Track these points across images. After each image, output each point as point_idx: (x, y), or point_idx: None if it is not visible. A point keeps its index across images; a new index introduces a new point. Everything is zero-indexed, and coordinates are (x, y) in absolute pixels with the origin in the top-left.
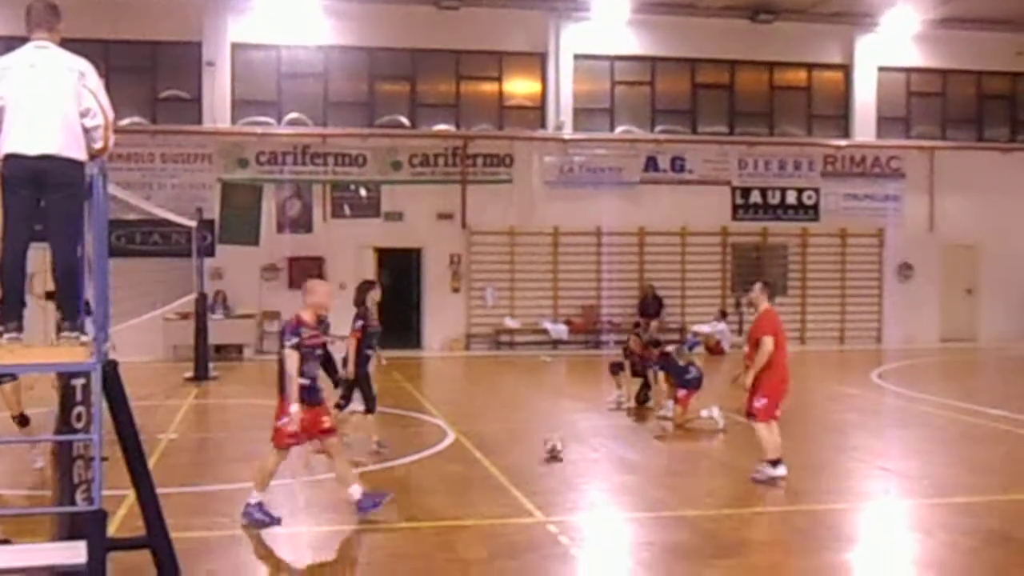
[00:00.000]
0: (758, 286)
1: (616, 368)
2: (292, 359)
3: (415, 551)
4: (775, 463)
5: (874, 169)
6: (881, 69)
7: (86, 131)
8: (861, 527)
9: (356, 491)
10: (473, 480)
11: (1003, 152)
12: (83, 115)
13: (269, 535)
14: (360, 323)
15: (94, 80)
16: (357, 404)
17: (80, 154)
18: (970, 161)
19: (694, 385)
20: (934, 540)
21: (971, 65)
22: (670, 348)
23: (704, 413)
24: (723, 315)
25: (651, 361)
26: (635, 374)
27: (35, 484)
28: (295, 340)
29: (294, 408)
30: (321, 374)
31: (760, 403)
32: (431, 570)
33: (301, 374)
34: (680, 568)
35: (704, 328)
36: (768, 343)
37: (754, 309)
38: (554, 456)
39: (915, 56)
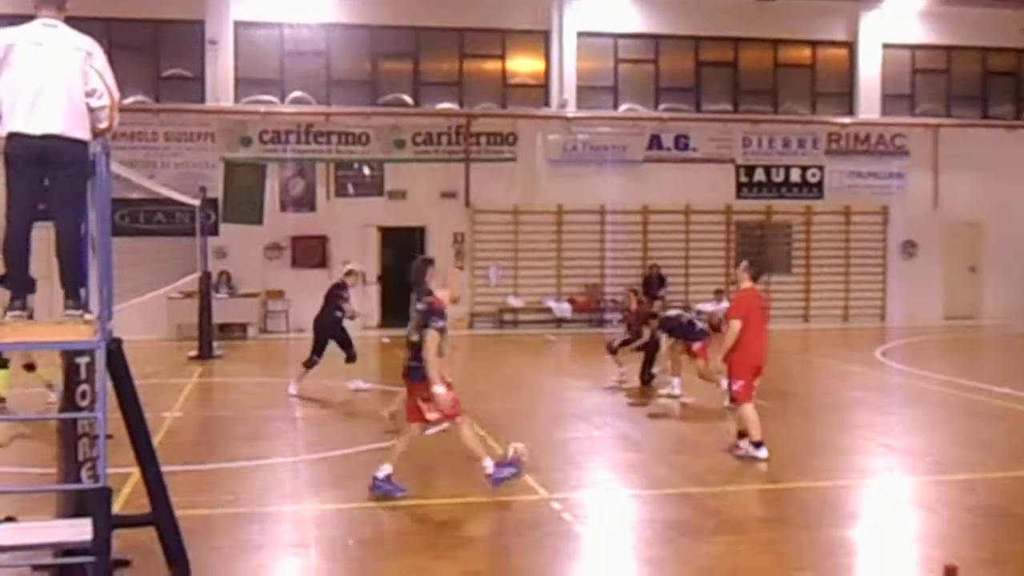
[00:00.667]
0: (743, 264)
1: (612, 349)
2: (436, 341)
3: (420, 528)
4: (758, 444)
5: (878, 147)
6: (886, 46)
7: (91, 111)
8: (864, 504)
9: (488, 464)
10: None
11: (1008, 129)
12: (88, 95)
13: (274, 513)
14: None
15: (101, 60)
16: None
17: (85, 134)
18: (975, 139)
19: (706, 335)
20: (937, 516)
21: (976, 42)
22: (671, 312)
23: (664, 391)
24: (719, 294)
25: (657, 328)
26: (630, 331)
27: (40, 463)
28: (442, 323)
29: (440, 389)
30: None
31: (737, 385)
32: (436, 546)
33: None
34: (683, 544)
35: (708, 307)
36: (734, 326)
37: (736, 287)
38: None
39: (920, 33)
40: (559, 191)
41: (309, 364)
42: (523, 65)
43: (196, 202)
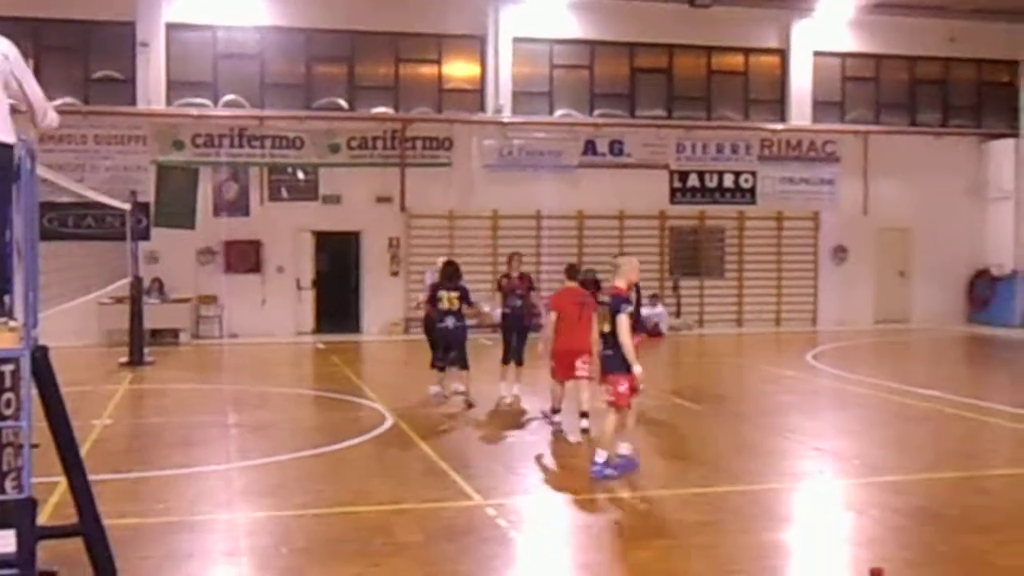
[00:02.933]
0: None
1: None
2: (628, 324)
3: (352, 535)
4: (555, 411)
5: (810, 153)
6: (817, 54)
7: (19, 113)
8: (796, 507)
9: (600, 458)
10: (411, 464)
11: (936, 137)
12: (11, 98)
13: (206, 522)
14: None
15: (19, 64)
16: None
17: (9, 137)
18: (903, 146)
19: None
20: (866, 518)
21: (904, 50)
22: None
23: (433, 389)
24: (654, 299)
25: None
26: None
27: None
28: (630, 308)
29: (639, 369)
30: None
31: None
32: (368, 554)
33: None
34: (617, 549)
35: (643, 311)
36: (551, 317)
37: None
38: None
39: (850, 41)
40: (495, 196)
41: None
42: (459, 70)
43: (127, 206)
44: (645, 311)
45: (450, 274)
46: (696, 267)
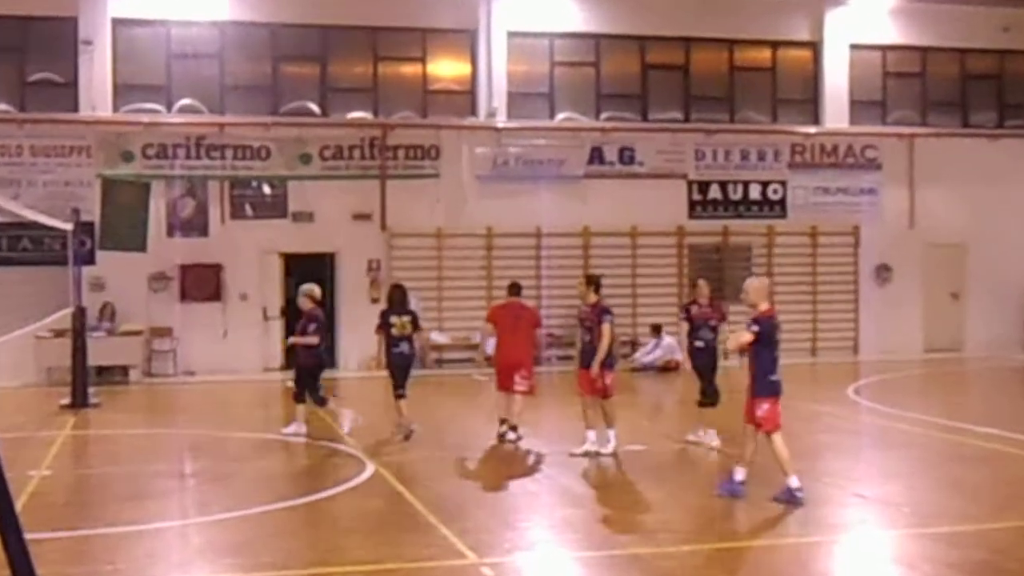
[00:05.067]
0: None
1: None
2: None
3: None
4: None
5: (847, 159)
6: (854, 47)
7: None
8: (836, 562)
9: (740, 472)
10: (395, 517)
11: (990, 139)
12: None
13: None
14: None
15: None
16: None
17: None
18: (954, 149)
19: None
20: (917, 574)
21: (954, 42)
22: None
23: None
24: (657, 330)
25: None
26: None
27: None
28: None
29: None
30: None
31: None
32: None
33: None
34: None
35: (644, 359)
36: (487, 328)
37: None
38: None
39: (891, 32)
40: (488, 211)
41: None
42: (446, 69)
43: (68, 226)
44: (647, 358)
45: (400, 299)
46: (719, 290)
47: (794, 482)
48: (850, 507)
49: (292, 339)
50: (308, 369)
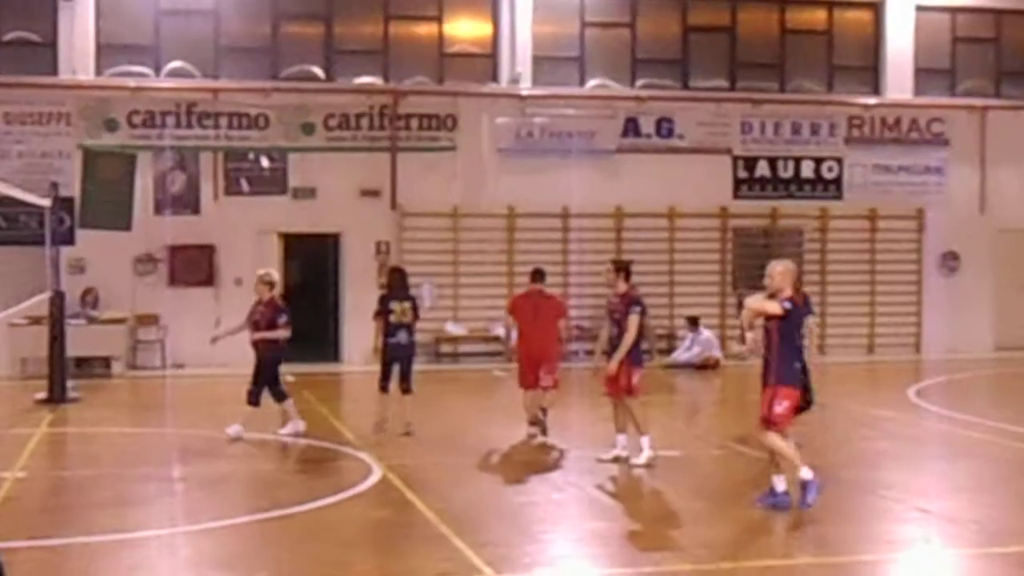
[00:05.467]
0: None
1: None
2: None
3: None
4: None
5: (911, 134)
6: (920, 8)
7: None
8: None
9: (780, 481)
10: (405, 528)
11: None
12: None
13: None
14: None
15: None
16: None
17: None
18: None
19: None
20: None
21: None
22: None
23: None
24: (694, 323)
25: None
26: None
27: None
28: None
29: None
30: None
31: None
32: None
33: None
34: None
35: (680, 356)
36: (508, 320)
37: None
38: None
39: None
40: (510, 189)
41: None
42: (465, 29)
43: (46, 202)
44: (685, 355)
45: (400, 282)
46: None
47: (780, 485)
48: (911, 523)
49: (259, 334)
50: (269, 363)
